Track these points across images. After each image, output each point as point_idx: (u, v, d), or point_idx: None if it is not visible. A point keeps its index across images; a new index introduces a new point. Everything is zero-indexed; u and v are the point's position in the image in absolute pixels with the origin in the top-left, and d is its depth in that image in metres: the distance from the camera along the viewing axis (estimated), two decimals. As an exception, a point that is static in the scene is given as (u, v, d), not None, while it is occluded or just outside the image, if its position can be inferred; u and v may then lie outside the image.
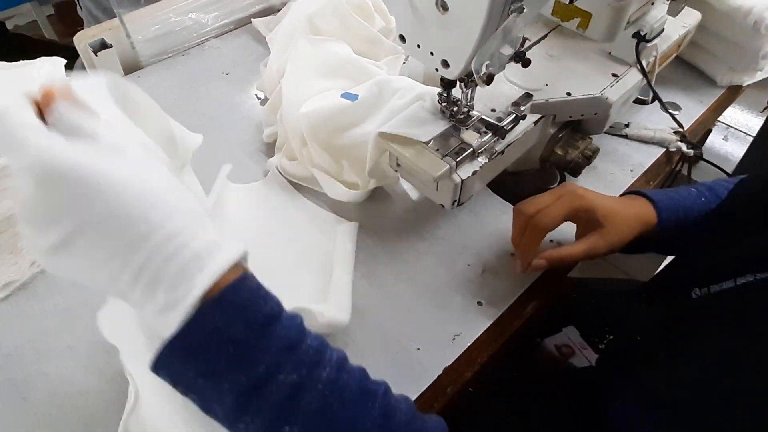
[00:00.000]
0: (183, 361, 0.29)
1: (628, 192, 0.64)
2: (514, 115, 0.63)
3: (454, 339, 0.58)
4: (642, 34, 0.69)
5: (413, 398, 0.54)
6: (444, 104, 0.60)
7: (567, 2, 0.59)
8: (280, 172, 0.73)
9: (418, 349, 0.58)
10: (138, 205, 0.28)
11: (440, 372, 0.56)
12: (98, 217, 0.27)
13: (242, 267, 0.31)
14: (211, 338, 0.29)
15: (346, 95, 0.70)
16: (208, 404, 0.31)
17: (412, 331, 0.59)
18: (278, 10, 1.00)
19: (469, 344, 0.58)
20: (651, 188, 0.72)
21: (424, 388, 0.55)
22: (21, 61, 0.67)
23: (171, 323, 0.28)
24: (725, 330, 0.41)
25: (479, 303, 0.61)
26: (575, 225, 0.61)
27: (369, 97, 0.68)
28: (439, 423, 0.38)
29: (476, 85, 0.58)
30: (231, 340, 0.29)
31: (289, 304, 0.51)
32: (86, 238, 0.28)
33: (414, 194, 0.72)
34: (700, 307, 0.46)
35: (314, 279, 0.62)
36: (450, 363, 0.56)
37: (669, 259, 0.66)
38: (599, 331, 0.69)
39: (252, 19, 0.99)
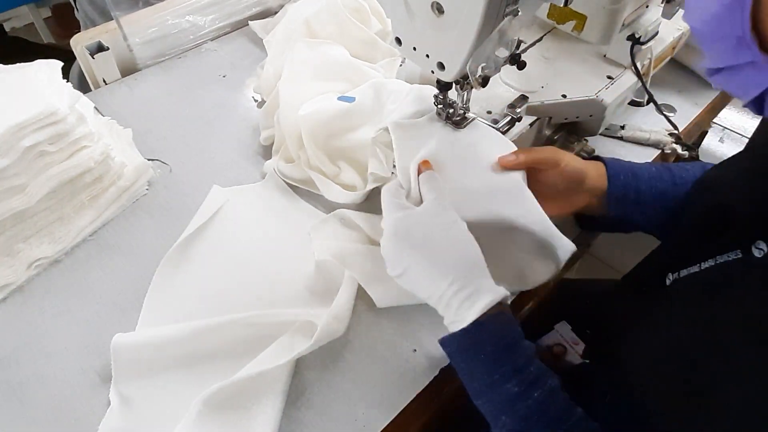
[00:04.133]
0: (456, 350, 0.46)
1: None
2: (509, 117, 0.63)
3: (450, 340, 0.58)
4: (637, 36, 0.69)
5: (410, 399, 0.54)
6: (440, 106, 0.60)
7: (562, 5, 0.60)
8: (277, 175, 0.74)
9: (415, 350, 0.58)
10: (456, 249, 0.47)
11: (437, 373, 0.56)
12: (416, 267, 0.46)
13: (502, 305, 0.46)
14: (472, 345, 0.45)
15: (342, 98, 0.70)
16: (462, 378, 0.47)
17: (408, 333, 0.59)
18: (275, 13, 1.00)
19: (465, 345, 0.58)
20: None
21: (421, 389, 0.55)
22: (18, 64, 0.67)
23: (455, 327, 0.45)
24: (687, 313, 0.42)
25: (476, 304, 0.61)
26: None
27: (365, 100, 0.68)
28: None
29: (472, 88, 0.59)
30: (484, 352, 0.44)
31: (284, 306, 0.51)
32: (415, 272, 0.46)
33: (411, 196, 0.72)
34: (671, 292, 0.46)
35: (309, 280, 0.62)
36: (446, 364, 0.57)
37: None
38: (589, 324, 0.69)
39: (249, 22, 1.00)
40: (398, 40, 0.56)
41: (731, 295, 0.38)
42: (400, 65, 0.82)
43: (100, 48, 0.87)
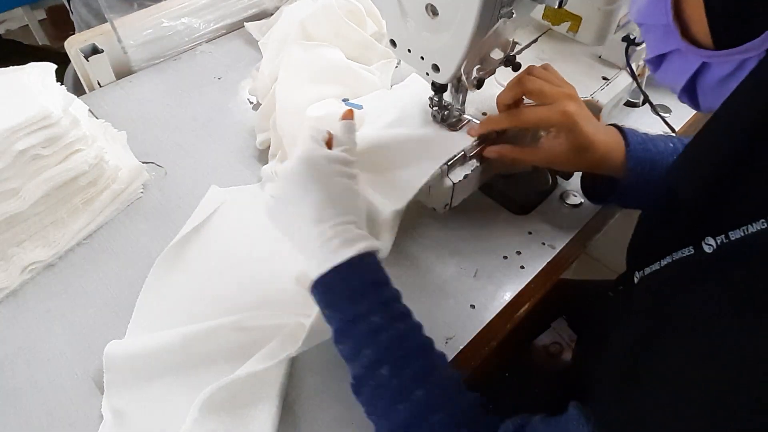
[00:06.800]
0: (325, 289, 0.46)
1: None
2: (505, 119, 0.63)
3: (447, 342, 0.58)
4: (631, 37, 0.69)
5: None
6: (435, 108, 0.60)
7: (557, 6, 0.60)
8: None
9: (411, 352, 0.58)
10: (348, 198, 0.49)
11: (433, 376, 0.56)
12: (321, 196, 0.47)
13: (374, 252, 0.47)
14: (341, 281, 0.45)
15: (350, 104, 0.70)
16: (329, 322, 0.46)
17: (405, 335, 0.59)
18: (271, 14, 1.00)
19: (461, 347, 0.58)
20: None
21: (418, 391, 0.55)
22: (11, 67, 0.67)
23: (328, 264, 0.45)
24: (644, 313, 0.41)
25: (472, 306, 0.61)
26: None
27: (373, 109, 0.68)
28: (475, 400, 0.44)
29: (467, 89, 0.59)
30: (349, 287, 0.45)
31: (277, 308, 0.50)
32: (313, 200, 0.47)
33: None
34: (638, 291, 0.45)
35: (306, 282, 0.62)
36: (443, 366, 0.56)
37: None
38: (584, 324, 0.69)
39: (244, 23, 0.99)
40: (393, 42, 0.56)
41: (686, 293, 0.37)
42: (396, 67, 0.82)
43: (95, 50, 0.86)
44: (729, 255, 0.35)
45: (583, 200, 0.72)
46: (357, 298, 0.45)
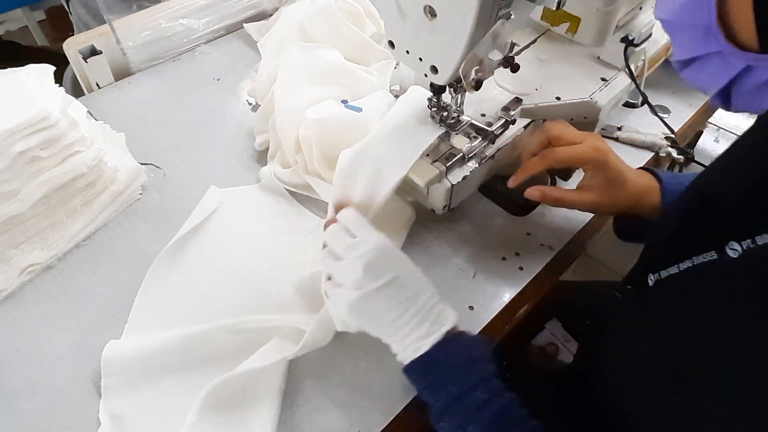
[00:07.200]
0: (422, 372, 0.47)
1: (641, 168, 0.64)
2: (503, 120, 0.63)
3: (445, 344, 0.58)
4: (630, 38, 0.69)
5: (406, 402, 0.54)
6: (434, 110, 0.60)
7: (555, 8, 0.60)
8: (275, 179, 0.73)
9: (410, 354, 0.57)
10: (418, 276, 0.50)
11: (432, 377, 0.56)
12: (403, 277, 0.48)
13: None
14: (441, 359, 0.46)
15: (349, 106, 0.69)
16: (429, 399, 0.47)
17: (403, 337, 0.59)
18: (270, 16, 1.00)
19: (460, 349, 0.58)
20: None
21: (416, 393, 0.55)
22: (9, 69, 0.67)
23: (426, 345, 0.46)
24: (665, 316, 0.41)
25: (470, 307, 0.61)
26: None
27: (373, 113, 0.68)
28: None
29: (465, 91, 0.59)
30: (452, 364, 0.46)
31: (275, 310, 0.50)
32: (395, 286, 0.48)
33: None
34: (653, 294, 0.46)
35: (302, 285, 0.62)
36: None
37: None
38: (584, 326, 0.69)
39: (244, 24, 0.99)
40: (391, 44, 0.56)
41: (708, 298, 0.37)
42: (395, 68, 0.82)
43: (94, 52, 0.86)
44: (756, 260, 0.35)
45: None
46: (460, 374, 0.46)
